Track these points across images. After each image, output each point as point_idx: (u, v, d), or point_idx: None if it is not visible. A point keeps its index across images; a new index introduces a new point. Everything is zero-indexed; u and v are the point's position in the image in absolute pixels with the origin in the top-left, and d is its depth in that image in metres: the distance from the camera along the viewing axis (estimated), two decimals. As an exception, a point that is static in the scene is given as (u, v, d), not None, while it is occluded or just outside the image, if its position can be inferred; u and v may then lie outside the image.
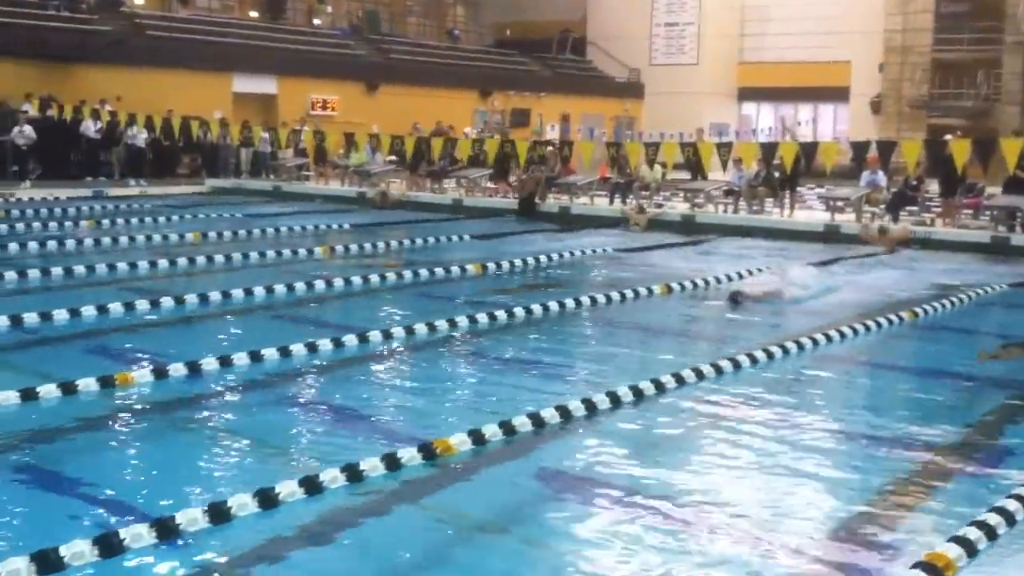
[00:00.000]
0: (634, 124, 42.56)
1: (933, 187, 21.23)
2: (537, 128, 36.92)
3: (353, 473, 6.02)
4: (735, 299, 11.77)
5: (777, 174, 21.46)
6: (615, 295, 12.43)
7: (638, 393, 7.96)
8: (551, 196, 23.72)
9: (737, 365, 9.01)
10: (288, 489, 5.71)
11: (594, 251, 16.87)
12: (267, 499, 5.57)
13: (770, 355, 9.41)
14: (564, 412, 7.38)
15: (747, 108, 45.53)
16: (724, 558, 5.18)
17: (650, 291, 12.78)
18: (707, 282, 13.82)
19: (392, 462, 6.24)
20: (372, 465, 6.14)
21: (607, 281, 14.15)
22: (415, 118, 29.15)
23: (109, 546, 4.91)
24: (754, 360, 9.20)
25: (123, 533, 5.02)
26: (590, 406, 7.57)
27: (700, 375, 8.59)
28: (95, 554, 4.86)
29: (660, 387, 8.18)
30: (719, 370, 8.79)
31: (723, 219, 21.37)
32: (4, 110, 25.22)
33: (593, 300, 12.16)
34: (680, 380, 8.39)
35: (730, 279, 13.96)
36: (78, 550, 4.83)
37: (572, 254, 16.42)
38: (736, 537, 5.45)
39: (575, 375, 8.90)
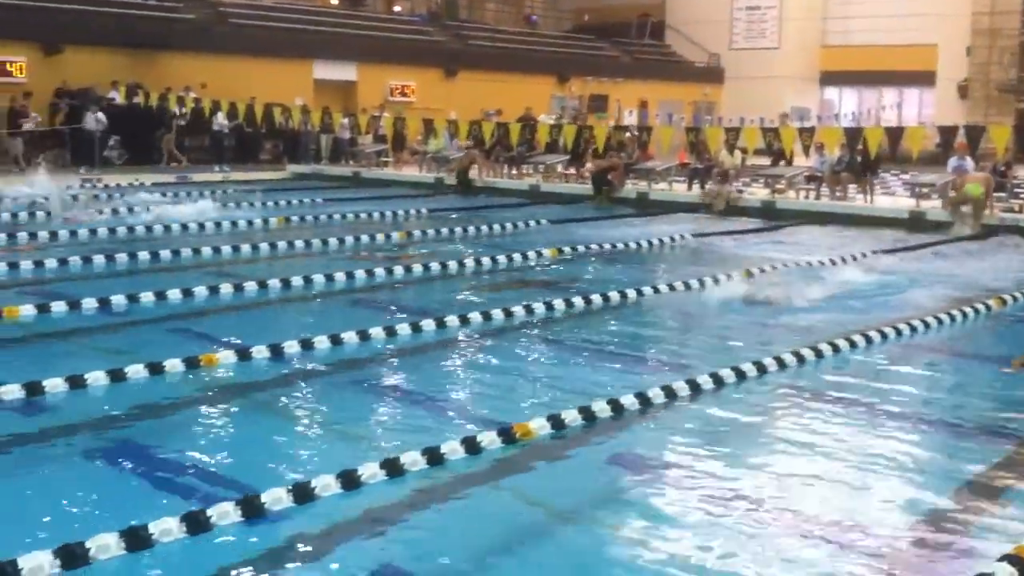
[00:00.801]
0: (713, 109, 42.11)
1: (1022, 173, 20.68)
2: (600, 114, 36.63)
3: (433, 456, 6.07)
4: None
5: (859, 159, 21.08)
6: (693, 282, 12.32)
7: (718, 380, 7.89)
8: (629, 182, 23.59)
9: (819, 354, 8.88)
10: (370, 471, 5.78)
11: (672, 238, 16.74)
12: (350, 480, 5.65)
13: (852, 344, 9.26)
14: (643, 399, 7.35)
15: (829, 92, 44.73)
16: (802, 547, 5.13)
17: (729, 277, 12.65)
18: (788, 268, 13.65)
19: (472, 446, 6.28)
20: (452, 448, 6.19)
21: (684, 267, 14.04)
22: (492, 104, 29.21)
23: (196, 523, 5.02)
24: (836, 349, 9.07)
25: (210, 511, 5.12)
26: (669, 393, 7.53)
27: (781, 364, 8.49)
28: (183, 531, 4.97)
29: (740, 375, 8.10)
30: (800, 358, 8.68)
31: (804, 205, 21.05)
32: (92, 96, 25.77)
33: (671, 286, 12.08)
34: (761, 368, 8.30)
35: (810, 264, 13.79)
36: (167, 527, 4.94)
37: (650, 241, 16.33)
38: (816, 525, 5.39)
39: (653, 361, 8.86)
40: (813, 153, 21.75)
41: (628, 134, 24.87)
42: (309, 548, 5.02)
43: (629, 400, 7.27)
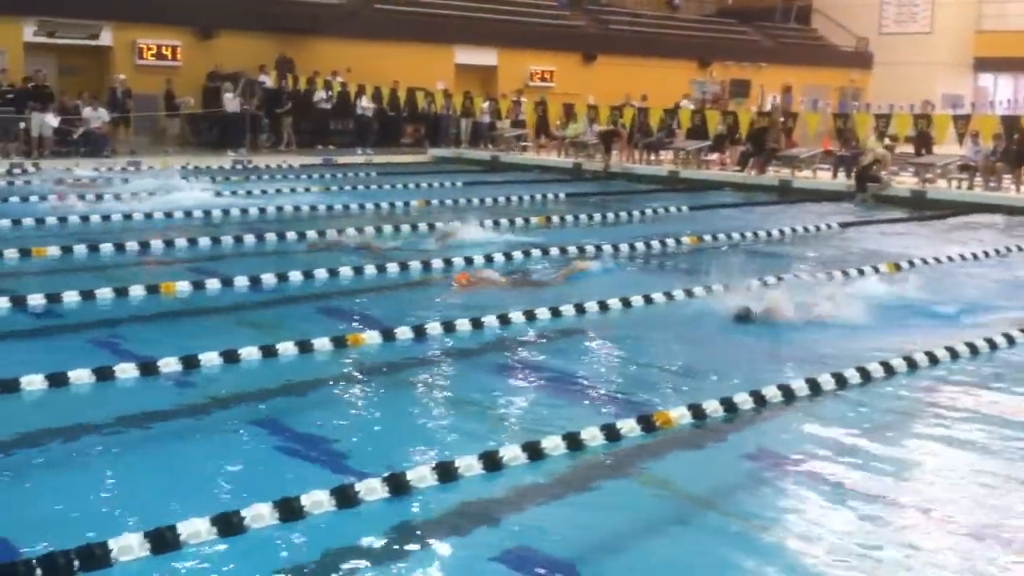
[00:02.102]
0: (860, 95, 40.90)
1: None
2: (740, 99, 35.90)
3: (573, 441, 6.09)
4: (744, 316, 9.42)
5: (1015, 148, 20.19)
6: (836, 273, 12.02)
7: (865, 375, 7.69)
8: (771, 169, 23.14)
9: (974, 350, 8.57)
10: (511, 453, 5.83)
11: (817, 227, 16.36)
12: (492, 462, 5.72)
13: (1011, 340, 8.89)
14: (786, 391, 7.22)
15: (984, 79, 42.95)
16: (940, 552, 4.96)
17: (876, 269, 12.30)
18: (939, 261, 13.20)
19: (612, 433, 6.27)
20: (592, 435, 6.19)
21: (830, 257, 13.70)
22: (631, 88, 28.97)
23: (345, 497, 5.15)
24: (993, 346, 8.72)
25: (358, 486, 5.25)
26: (814, 386, 7.37)
27: (933, 359, 8.21)
28: (332, 504, 5.11)
29: (889, 370, 7.87)
30: (954, 354, 8.38)
31: (957, 195, 20.31)
32: (243, 80, 26.56)
33: (813, 276, 11.81)
34: (912, 364, 8.06)
35: (951, 260, 13.29)
36: (317, 499, 5.08)
37: (794, 229, 15.99)
38: (954, 529, 5.22)
39: (796, 353, 8.66)
40: (967, 142, 20.94)
41: (772, 120, 24.18)
42: (447, 526, 5.09)
43: (772, 392, 7.15)
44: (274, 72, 27.71)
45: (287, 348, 7.98)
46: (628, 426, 6.38)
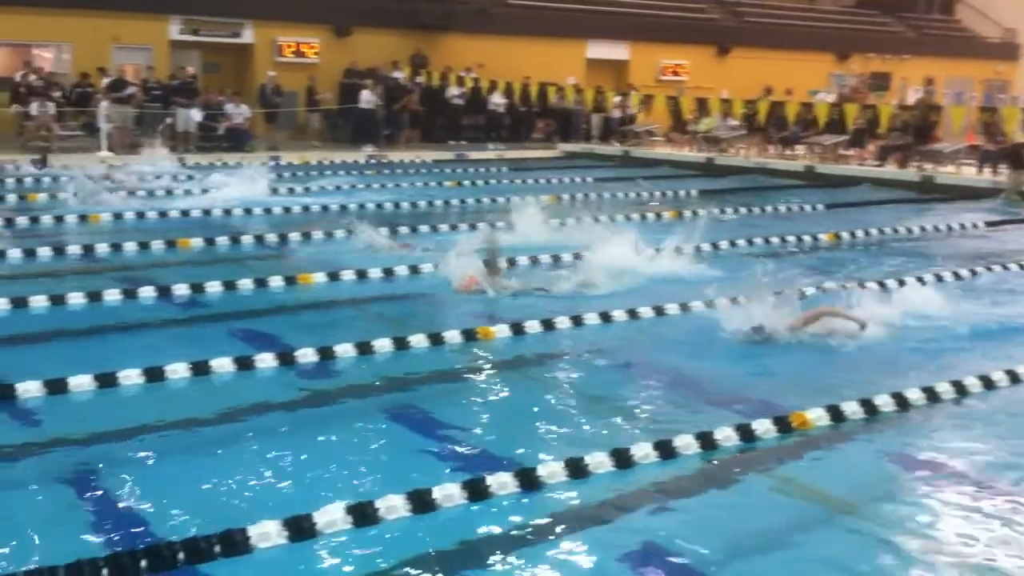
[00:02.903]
0: (1007, 88, 39.28)
1: None
2: (878, 92, 34.77)
3: (707, 441, 6.00)
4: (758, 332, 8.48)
5: None
6: (980, 269, 11.56)
7: (1015, 378, 7.37)
8: (912, 166, 22.41)
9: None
10: (642, 451, 5.78)
11: (962, 225, 15.77)
12: (622, 459, 5.68)
13: None
14: (930, 393, 6.97)
15: None
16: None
17: (1022, 267, 11.78)
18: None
19: (746, 433, 6.15)
20: (726, 435, 6.09)
21: (973, 255, 13.18)
22: (767, 82, 28.41)
23: (476, 491, 5.19)
24: None
25: (489, 480, 5.28)
26: (959, 388, 7.10)
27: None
28: (463, 497, 5.14)
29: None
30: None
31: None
32: (378, 76, 27.00)
33: (956, 275, 11.38)
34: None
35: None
36: (448, 492, 5.13)
37: (937, 227, 15.44)
38: None
39: (937, 357, 8.34)
40: None
41: (913, 113, 23.41)
42: (577, 523, 5.07)
43: (915, 395, 6.91)
44: (407, 68, 28.10)
45: (419, 340, 8.06)
46: (763, 427, 6.25)
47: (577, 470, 5.50)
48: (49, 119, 22.08)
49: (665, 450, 5.83)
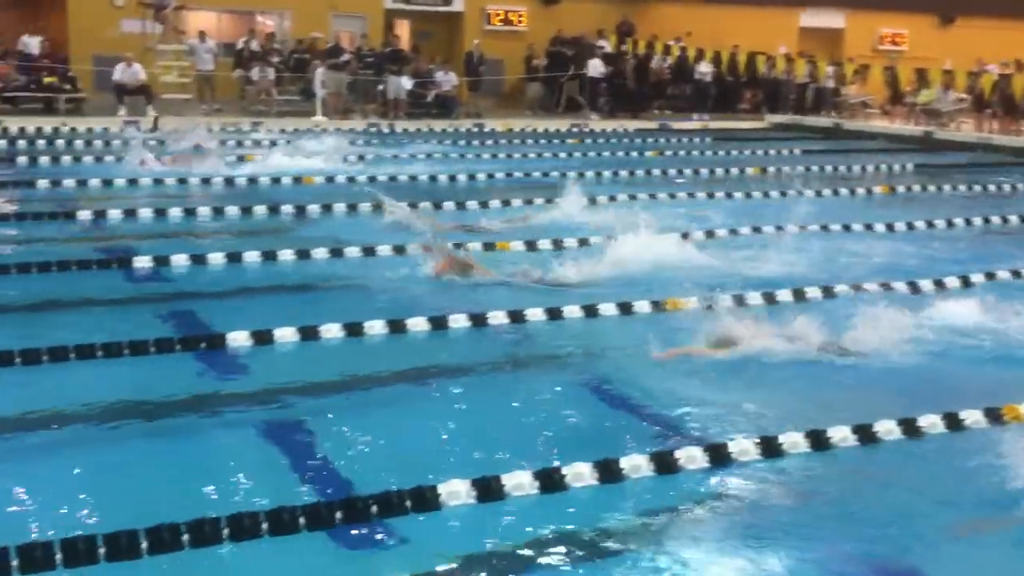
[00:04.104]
0: None
1: None
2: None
3: (909, 427, 5.76)
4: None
5: None
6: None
7: None
8: None
9: None
10: (840, 434, 5.60)
11: None
12: (819, 441, 5.52)
13: None
14: None
15: None
16: None
17: None
18: None
19: (953, 422, 5.85)
20: (931, 423, 5.81)
21: None
22: (991, 54, 26.77)
23: (665, 464, 5.13)
24: None
25: (678, 453, 5.21)
26: None
27: None
28: (651, 469, 5.09)
29: None
30: None
31: None
32: (583, 44, 26.94)
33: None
34: None
35: None
36: (636, 463, 5.08)
37: None
38: None
39: None
40: None
41: None
42: (771, 502, 4.96)
43: None
44: (613, 37, 27.91)
45: (608, 309, 8.03)
46: (973, 417, 5.91)
47: (770, 449, 5.36)
48: (269, 84, 23.07)
49: (817, 440, 5.57)
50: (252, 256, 9.53)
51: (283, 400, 6.16)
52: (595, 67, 25.73)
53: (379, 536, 4.50)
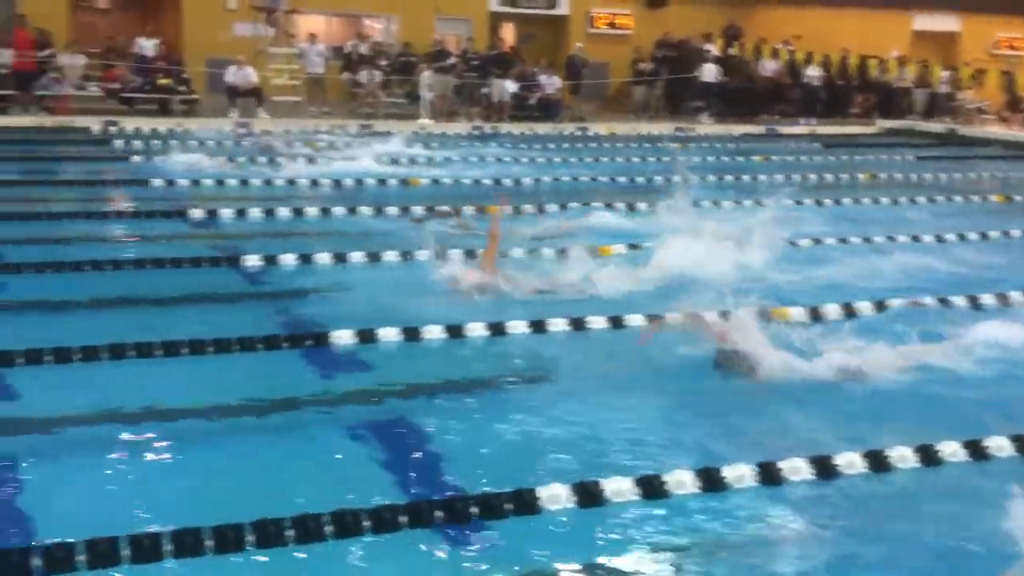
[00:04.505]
0: None
1: None
2: None
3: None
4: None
5: None
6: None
7: None
8: None
9: None
10: (950, 449, 5.44)
11: None
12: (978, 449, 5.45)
13: None
14: None
15: None
16: None
17: None
18: None
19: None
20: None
21: None
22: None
23: (769, 476, 5.05)
24: None
25: (780, 464, 5.12)
26: None
27: None
28: (754, 479, 5.02)
29: None
30: None
31: None
32: (689, 48, 26.69)
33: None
34: None
35: None
36: (739, 474, 5.02)
37: None
38: None
39: None
40: None
41: None
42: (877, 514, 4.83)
43: None
44: (719, 41, 27.60)
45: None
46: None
47: (878, 463, 5.24)
48: (376, 86, 23.39)
49: (975, 450, 5.42)
50: (357, 256, 9.64)
51: (385, 398, 6.23)
52: (709, 72, 25.46)
53: (478, 537, 4.51)
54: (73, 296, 8.09)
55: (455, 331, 7.31)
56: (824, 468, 5.14)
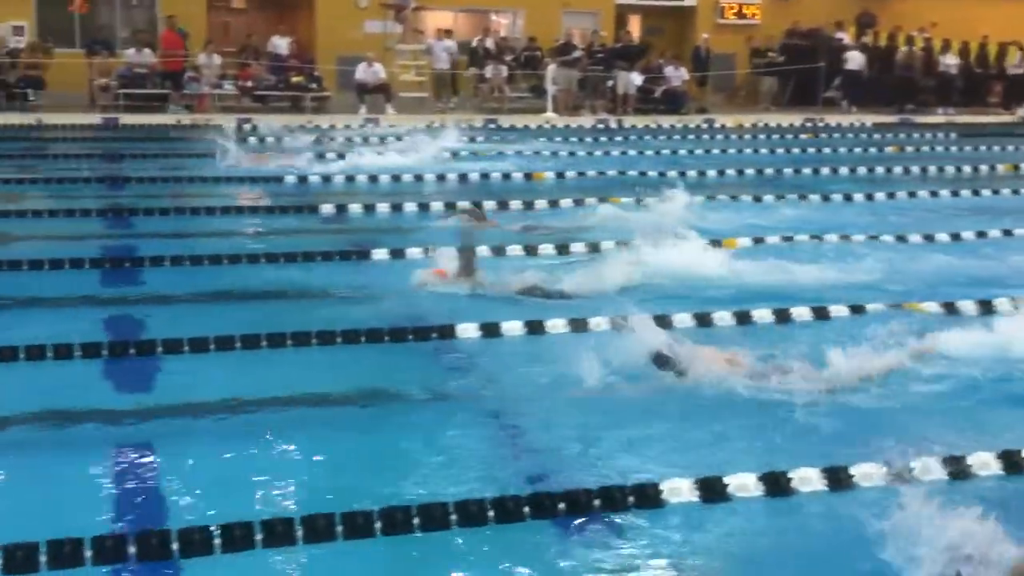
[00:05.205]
0: None
1: None
2: None
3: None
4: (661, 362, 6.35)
5: None
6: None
7: None
8: None
9: None
10: (981, 460, 5.20)
11: None
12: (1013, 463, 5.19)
13: None
14: None
15: None
16: None
17: None
18: None
19: None
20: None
21: None
22: None
23: (837, 479, 4.94)
24: None
25: (852, 470, 4.99)
26: None
27: None
28: (823, 483, 4.91)
29: None
30: None
31: None
32: (820, 37, 26.07)
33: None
34: None
35: None
36: (805, 475, 4.92)
37: None
38: None
39: None
40: None
41: None
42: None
43: None
44: (852, 28, 26.90)
45: (801, 314, 7.71)
46: None
47: (957, 470, 5.07)
48: (501, 81, 23.53)
49: (1010, 462, 5.19)
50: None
51: (506, 390, 6.30)
52: (855, 60, 24.85)
53: (598, 529, 4.54)
54: (208, 289, 8.40)
55: (577, 324, 7.32)
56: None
